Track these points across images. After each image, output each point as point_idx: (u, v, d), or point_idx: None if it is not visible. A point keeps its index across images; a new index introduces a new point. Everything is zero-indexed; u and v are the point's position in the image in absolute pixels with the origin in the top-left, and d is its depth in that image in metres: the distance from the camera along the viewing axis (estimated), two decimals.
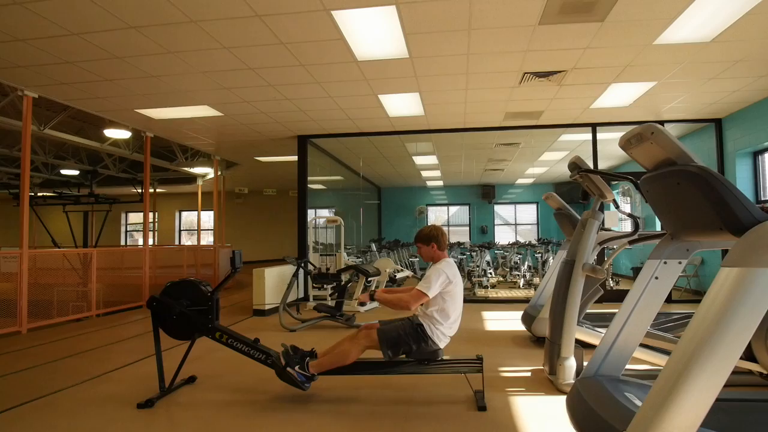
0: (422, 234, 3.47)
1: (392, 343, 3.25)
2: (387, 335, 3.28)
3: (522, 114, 7.54)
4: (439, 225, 3.57)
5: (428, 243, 3.42)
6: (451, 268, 3.33)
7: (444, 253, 3.46)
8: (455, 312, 3.34)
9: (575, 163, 3.66)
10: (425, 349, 3.27)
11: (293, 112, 7.35)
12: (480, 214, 16.45)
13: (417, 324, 3.30)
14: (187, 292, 3.56)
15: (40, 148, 11.81)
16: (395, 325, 3.34)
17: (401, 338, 3.26)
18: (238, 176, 14.50)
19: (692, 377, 1.59)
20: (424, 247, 3.44)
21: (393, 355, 3.26)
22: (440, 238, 3.43)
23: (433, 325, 3.29)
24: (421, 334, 3.26)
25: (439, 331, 3.28)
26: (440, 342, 3.30)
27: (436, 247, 3.42)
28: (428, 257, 3.47)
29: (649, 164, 2.27)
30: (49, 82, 5.91)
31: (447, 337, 3.36)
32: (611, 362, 2.54)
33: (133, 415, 3.16)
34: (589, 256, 3.55)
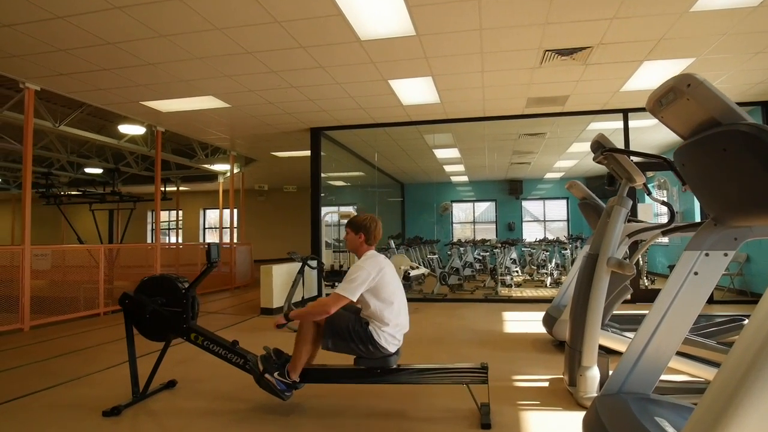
0: (355, 220, 3.11)
1: (335, 333, 2.88)
2: (335, 322, 2.88)
3: (546, 99, 7.00)
4: (377, 217, 3.16)
5: (357, 231, 3.06)
6: (373, 263, 2.93)
7: (370, 248, 3.09)
8: (395, 308, 2.93)
9: (598, 142, 3.17)
10: (373, 353, 2.87)
11: (302, 101, 7.01)
12: (507, 211, 15.86)
13: (365, 323, 2.91)
14: (163, 289, 3.24)
15: (62, 147, 11.85)
16: (348, 316, 2.94)
17: (347, 333, 2.86)
18: (257, 173, 14.34)
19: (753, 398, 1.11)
20: (351, 235, 3.08)
21: (332, 347, 2.90)
22: (371, 231, 3.06)
23: (379, 328, 2.88)
24: (370, 336, 2.85)
25: (387, 333, 2.88)
26: (389, 346, 2.89)
27: (363, 238, 3.05)
28: (352, 247, 3.11)
29: (686, 129, 1.80)
30: (47, 72, 5.73)
31: (397, 340, 2.95)
32: (639, 376, 2.07)
33: (96, 423, 2.85)
34: (614, 249, 3.06)
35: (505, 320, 6.30)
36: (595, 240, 3.30)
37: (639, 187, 3.23)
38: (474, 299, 8.35)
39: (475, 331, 5.60)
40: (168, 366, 3.98)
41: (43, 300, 6.68)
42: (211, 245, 3.14)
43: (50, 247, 7.65)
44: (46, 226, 18.30)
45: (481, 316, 6.59)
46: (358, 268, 2.88)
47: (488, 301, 8.13)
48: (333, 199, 12.74)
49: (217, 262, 3.18)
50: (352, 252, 3.12)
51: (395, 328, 2.92)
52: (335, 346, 2.88)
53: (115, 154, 13.04)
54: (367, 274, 2.84)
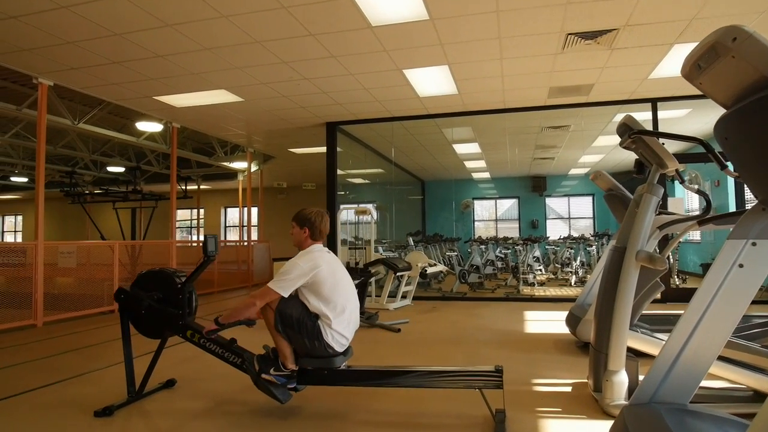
0: (300, 213, 2.93)
1: (284, 321, 2.68)
2: (286, 309, 2.68)
3: (569, 89, 6.67)
4: (325, 212, 2.97)
5: (302, 226, 2.89)
6: (309, 258, 2.74)
7: (314, 243, 2.90)
8: (338, 306, 2.72)
9: (625, 124, 2.89)
10: (317, 350, 2.69)
11: (315, 94, 6.83)
12: (530, 208, 15.44)
13: (315, 316, 2.71)
14: (160, 284, 3.09)
15: (84, 146, 11.96)
16: (300, 306, 2.73)
17: (296, 323, 2.67)
18: (276, 170, 14.28)
19: None
20: (296, 229, 2.90)
21: (282, 333, 2.70)
22: (316, 225, 2.88)
23: (327, 325, 2.69)
24: (318, 331, 2.67)
25: (335, 331, 2.70)
26: (336, 345, 2.71)
27: (308, 233, 2.87)
28: (296, 242, 2.92)
29: (731, 95, 1.53)
30: (58, 67, 5.68)
31: (344, 338, 2.77)
32: (675, 384, 1.80)
33: (86, 424, 2.71)
34: (644, 241, 2.78)
35: (527, 320, 6.01)
36: (622, 232, 3.02)
37: (671, 173, 2.93)
38: (494, 298, 8.06)
39: (494, 330, 5.33)
40: (171, 364, 3.86)
41: (58, 297, 6.66)
42: (208, 238, 2.97)
43: (65, 243, 7.66)
44: (72, 224, 18.65)
45: (501, 316, 6.32)
46: (292, 263, 2.70)
47: (509, 300, 7.83)
48: (353, 197, 12.59)
49: (214, 256, 3.00)
50: (296, 247, 2.93)
51: (342, 326, 2.73)
52: (285, 335, 2.70)
53: (137, 153, 13.14)
54: (300, 270, 2.66)
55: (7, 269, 6.17)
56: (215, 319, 2.75)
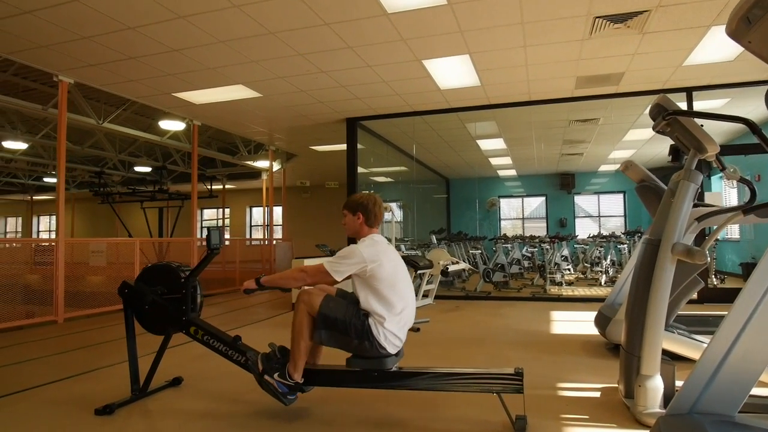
0: (350, 199, 2.74)
1: (330, 323, 2.48)
2: (330, 310, 2.49)
3: (597, 78, 6.35)
4: (377, 196, 2.76)
5: (354, 212, 2.68)
6: (373, 247, 2.55)
7: (372, 230, 2.71)
8: (399, 300, 2.52)
9: (659, 105, 2.63)
10: (368, 350, 2.47)
11: (334, 88, 6.70)
12: (558, 206, 15.03)
13: (364, 314, 2.51)
14: (164, 279, 2.97)
15: (111, 146, 12.12)
16: (345, 304, 2.55)
17: (343, 323, 2.47)
18: (299, 169, 14.24)
19: None
20: (349, 216, 2.70)
21: (326, 340, 2.51)
22: (369, 208, 2.67)
23: (377, 321, 2.47)
24: (367, 330, 2.46)
25: (387, 330, 2.47)
26: (388, 346, 2.48)
27: (362, 218, 2.67)
28: (352, 230, 2.72)
29: None
30: (76, 63, 5.69)
31: (398, 339, 2.54)
32: (720, 392, 1.57)
33: (86, 422, 2.61)
34: (681, 232, 2.52)
35: (553, 320, 5.73)
36: (656, 223, 2.76)
37: (711, 158, 2.67)
38: (520, 297, 7.78)
39: (519, 331, 5.09)
40: (180, 362, 3.77)
41: (81, 294, 6.70)
42: (211, 230, 2.84)
43: (85, 240, 7.72)
44: (103, 223, 19.07)
45: (527, 316, 6.05)
46: (352, 248, 2.52)
47: (536, 300, 7.54)
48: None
49: (218, 248, 2.87)
50: (353, 236, 2.75)
51: (397, 326, 2.51)
52: (329, 339, 2.51)
53: (164, 153, 13.29)
54: (360, 257, 2.46)
55: (30, 267, 6.22)
56: (257, 278, 2.60)
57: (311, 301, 2.51)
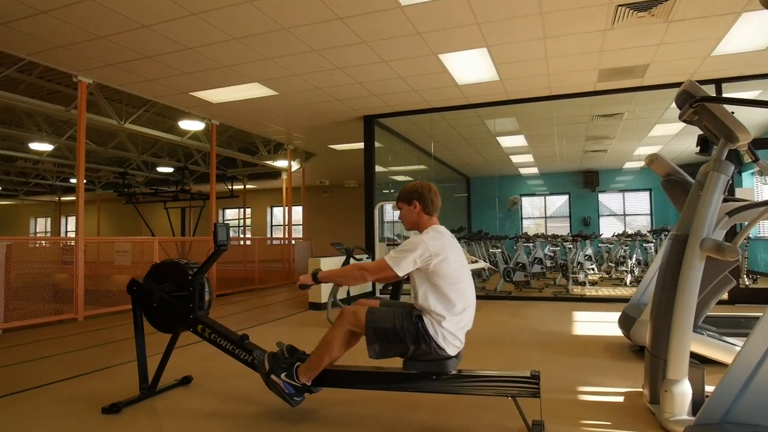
0: (403, 191, 2.55)
1: (381, 335, 2.32)
2: (377, 321, 2.34)
3: (621, 71, 6.13)
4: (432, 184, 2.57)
5: (409, 201, 2.50)
6: (439, 240, 2.36)
7: (432, 219, 2.52)
8: (460, 300, 2.34)
9: (686, 92, 2.47)
10: (426, 353, 2.30)
11: (350, 85, 6.62)
12: (582, 205, 14.70)
13: (417, 315, 2.35)
14: (172, 276, 2.93)
15: (134, 147, 12.30)
16: (391, 311, 2.40)
17: (395, 331, 2.31)
18: (318, 168, 14.24)
19: None
20: (405, 208, 2.52)
21: (381, 352, 2.34)
22: (425, 195, 2.49)
23: (434, 320, 2.30)
24: (421, 331, 2.29)
25: (445, 330, 2.30)
26: (447, 347, 2.30)
27: (419, 207, 2.48)
28: (410, 223, 2.54)
29: None
30: (93, 64, 5.73)
31: (458, 340, 2.35)
32: (755, 400, 1.43)
33: (92, 420, 2.59)
34: (710, 227, 2.36)
35: (575, 321, 5.55)
36: (683, 218, 2.60)
37: (742, 148, 2.49)
38: (542, 297, 7.59)
39: (539, 332, 4.93)
40: (192, 360, 3.74)
41: (102, 292, 6.77)
42: (218, 226, 2.79)
43: (104, 239, 7.82)
44: (128, 223, 19.41)
45: (548, 316, 5.88)
46: (417, 241, 2.32)
47: (558, 300, 7.34)
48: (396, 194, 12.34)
49: (225, 245, 2.81)
50: (412, 230, 2.55)
51: (457, 326, 2.33)
52: (383, 351, 2.34)
53: (186, 153, 13.43)
54: (425, 251, 2.27)
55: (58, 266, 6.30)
56: (314, 273, 2.45)
57: (356, 317, 2.38)
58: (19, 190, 19.32)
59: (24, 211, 23.20)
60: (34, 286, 5.85)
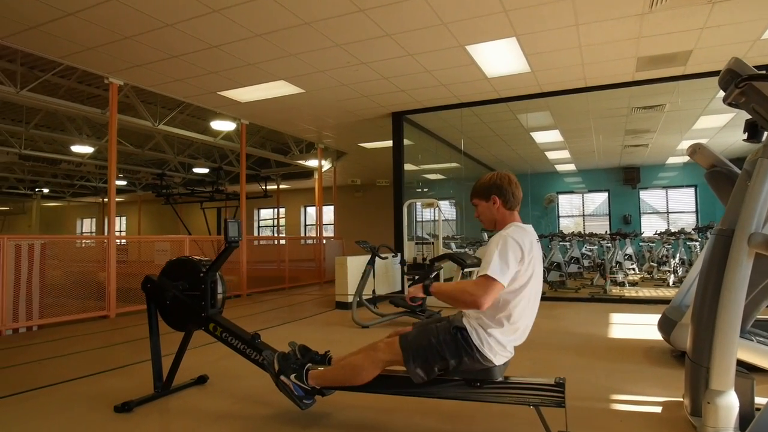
0: (478, 186, 2.22)
1: (421, 356, 2.10)
2: (412, 343, 2.14)
3: (661, 58, 5.78)
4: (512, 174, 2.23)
5: (487, 197, 2.19)
6: (526, 236, 2.06)
7: (513, 215, 2.20)
8: (523, 307, 2.06)
9: (731, 70, 2.22)
10: (470, 366, 2.08)
11: (376, 81, 6.51)
12: (622, 202, 14.15)
13: (457, 327, 2.10)
14: (185, 273, 2.88)
15: (170, 148, 12.57)
16: (427, 329, 2.18)
17: (433, 348, 2.10)
18: (349, 167, 14.20)
19: None
20: (482, 205, 2.21)
21: (425, 375, 2.12)
22: (506, 189, 2.16)
23: (482, 328, 2.06)
24: (462, 344, 2.06)
25: (494, 339, 2.05)
26: (495, 357, 2.07)
27: (499, 202, 2.17)
28: (489, 221, 2.23)
29: None
30: (122, 65, 5.83)
31: (507, 350, 2.11)
32: None
33: (103, 418, 2.56)
34: (760, 221, 2.11)
35: (613, 323, 5.26)
36: (729, 212, 2.35)
37: None
38: (577, 298, 7.28)
39: (572, 334, 4.68)
40: (209, 360, 3.71)
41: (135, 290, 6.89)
42: (229, 222, 2.72)
43: (131, 237, 7.96)
44: (168, 223, 19.93)
45: (583, 318, 5.60)
46: (506, 242, 1.99)
47: (595, 301, 7.02)
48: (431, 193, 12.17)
49: (236, 241, 2.74)
50: (491, 229, 2.25)
51: (511, 335, 2.08)
52: (427, 372, 2.12)
53: (221, 154, 13.66)
54: (519, 250, 1.98)
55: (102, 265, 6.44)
56: (425, 285, 2.12)
57: (391, 348, 2.18)
58: (66, 192, 20.13)
59: (71, 212, 24.18)
60: (68, 284, 5.99)
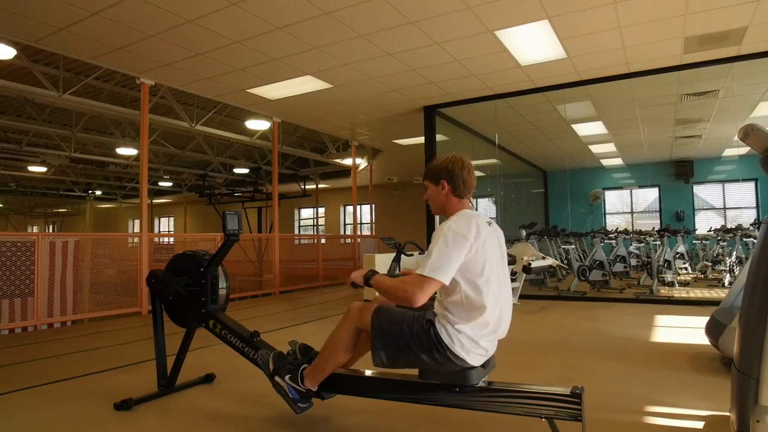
0: (430, 167, 2.10)
1: (387, 339, 1.96)
2: (384, 325, 1.98)
3: (712, 37, 5.28)
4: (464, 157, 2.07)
5: (437, 181, 2.04)
6: (470, 223, 1.89)
7: (462, 202, 2.04)
8: (488, 297, 1.87)
9: None
10: (441, 363, 1.90)
11: (404, 72, 6.31)
12: (674, 198, 13.33)
13: (428, 320, 1.93)
14: (188, 268, 2.79)
15: (210, 149, 12.81)
16: (405, 315, 1.99)
17: (404, 338, 1.93)
18: (386, 164, 14.04)
19: None
20: (432, 188, 2.07)
21: (387, 362, 1.97)
22: (457, 174, 2.00)
23: (450, 325, 1.88)
24: (433, 338, 1.89)
25: (464, 335, 1.87)
26: (468, 355, 1.88)
27: (448, 188, 2.02)
28: (437, 206, 2.08)
29: None
30: (151, 65, 5.89)
31: (480, 347, 1.91)
32: None
33: (101, 416, 2.51)
34: None
35: (657, 326, 4.85)
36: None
37: None
38: (621, 299, 6.83)
39: (610, 337, 4.33)
40: (220, 358, 3.62)
41: None
42: (227, 215, 2.60)
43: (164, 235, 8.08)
44: (213, 222, 20.42)
45: (625, 320, 5.21)
46: (445, 235, 1.85)
47: (640, 302, 6.55)
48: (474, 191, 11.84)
49: (235, 235, 2.62)
50: (439, 215, 2.11)
51: (480, 331, 1.90)
52: (391, 360, 1.98)
53: (261, 154, 13.82)
54: (464, 242, 1.83)
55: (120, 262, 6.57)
56: (366, 274, 2.00)
57: (362, 315, 2.06)
58: (117, 194, 20.98)
59: (123, 213, 25.20)
60: (103, 281, 6.12)
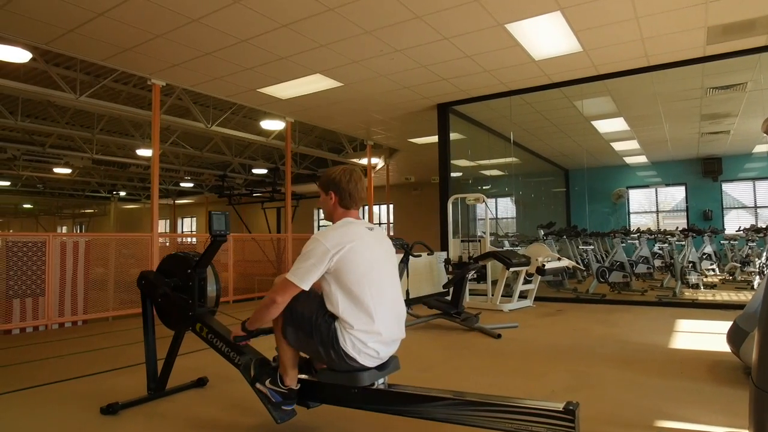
0: (322, 176, 2.19)
1: (296, 320, 2.03)
2: (296, 306, 2.02)
3: (737, 26, 5.00)
4: (356, 169, 2.17)
5: (326, 191, 2.14)
6: (338, 230, 2.03)
7: (348, 213, 2.14)
8: (375, 302, 1.96)
9: None
10: (336, 362, 1.97)
11: (414, 69, 6.18)
12: (701, 196, 12.85)
13: (332, 315, 1.99)
14: (178, 270, 2.73)
15: (228, 150, 12.88)
16: (317, 300, 2.05)
17: (309, 323, 2.00)
18: (402, 164, 13.92)
19: None
20: (322, 197, 2.17)
21: (292, 341, 2.06)
22: (344, 186, 2.10)
23: (342, 328, 1.96)
24: (333, 336, 1.95)
25: (355, 337, 1.94)
26: (358, 355, 1.95)
27: (335, 198, 2.12)
28: (326, 214, 2.20)
29: None
30: (160, 65, 5.89)
31: (372, 350, 1.97)
32: None
33: (85, 420, 2.46)
34: None
35: (678, 330, 4.62)
36: None
37: None
38: (642, 302, 6.56)
39: (626, 343, 4.12)
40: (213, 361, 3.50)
41: None
42: (214, 215, 2.51)
43: (173, 235, 8.12)
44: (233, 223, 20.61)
45: (644, 324, 4.98)
46: (312, 240, 1.98)
47: (662, 305, 6.28)
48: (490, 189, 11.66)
49: (222, 235, 2.53)
50: (329, 221, 2.23)
51: (367, 334, 1.94)
52: (295, 340, 2.05)
53: (280, 155, 13.85)
54: (322, 249, 1.94)
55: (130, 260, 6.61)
56: (243, 323, 2.17)
57: (282, 290, 2.00)
58: (141, 195, 21.36)
59: (146, 213, 25.66)
60: (114, 280, 6.15)
